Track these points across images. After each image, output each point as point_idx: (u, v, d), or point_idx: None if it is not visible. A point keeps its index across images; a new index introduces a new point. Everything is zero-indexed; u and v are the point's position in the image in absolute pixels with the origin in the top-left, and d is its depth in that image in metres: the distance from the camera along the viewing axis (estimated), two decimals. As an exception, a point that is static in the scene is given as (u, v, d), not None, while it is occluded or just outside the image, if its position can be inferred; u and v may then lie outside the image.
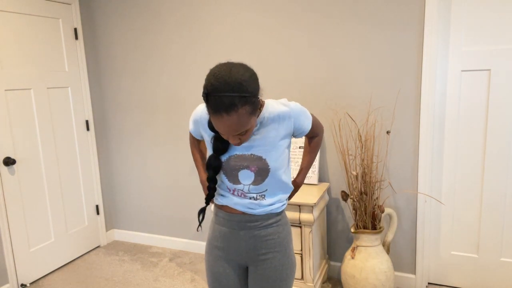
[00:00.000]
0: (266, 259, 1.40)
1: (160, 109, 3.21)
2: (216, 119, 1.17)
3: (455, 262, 2.58)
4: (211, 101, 1.15)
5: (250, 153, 1.33)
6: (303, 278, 2.42)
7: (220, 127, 1.18)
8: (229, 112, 1.13)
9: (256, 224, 1.39)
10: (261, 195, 1.37)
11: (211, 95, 1.14)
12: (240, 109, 1.14)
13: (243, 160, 1.33)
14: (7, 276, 2.73)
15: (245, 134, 1.23)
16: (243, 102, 1.14)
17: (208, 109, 1.17)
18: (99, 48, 3.35)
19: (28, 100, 2.83)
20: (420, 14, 2.32)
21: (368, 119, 2.55)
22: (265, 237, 1.40)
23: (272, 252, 1.41)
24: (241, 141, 1.25)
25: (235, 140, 1.24)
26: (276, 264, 1.41)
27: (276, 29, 2.70)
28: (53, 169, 3.04)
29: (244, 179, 1.35)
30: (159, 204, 3.40)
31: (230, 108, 1.13)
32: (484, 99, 2.35)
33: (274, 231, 1.41)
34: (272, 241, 1.41)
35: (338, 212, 2.75)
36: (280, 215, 1.44)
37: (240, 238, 1.41)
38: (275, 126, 1.32)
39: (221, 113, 1.14)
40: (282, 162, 1.37)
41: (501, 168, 2.37)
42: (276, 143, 1.33)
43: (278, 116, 1.32)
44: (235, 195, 1.39)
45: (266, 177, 1.34)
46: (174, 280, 2.88)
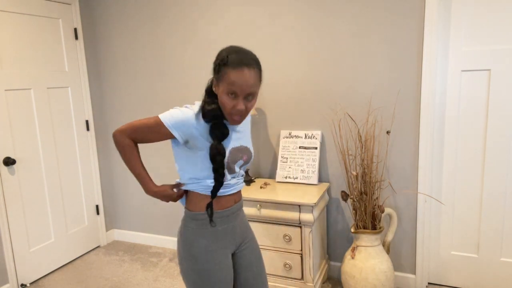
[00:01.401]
0: (247, 236, 1.59)
1: (160, 109, 3.21)
2: (235, 73, 1.28)
3: (455, 262, 2.58)
4: (232, 58, 1.29)
5: (240, 144, 1.48)
6: (303, 278, 2.42)
7: (238, 80, 1.28)
8: (249, 66, 1.29)
9: (241, 209, 1.58)
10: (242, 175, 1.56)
11: (232, 54, 1.30)
12: (256, 68, 1.33)
13: (239, 151, 1.47)
14: (7, 276, 2.73)
15: (251, 101, 1.35)
16: (257, 66, 1.34)
17: (225, 69, 1.29)
18: (99, 48, 3.35)
19: (28, 100, 2.83)
20: (420, 14, 2.32)
21: (368, 119, 2.55)
22: (244, 217, 1.60)
23: (249, 231, 1.63)
24: (246, 110, 1.35)
25: (241, 106, 1.32)
26: (254, 238, 1.64)
27: (275, 29, 2.70)
28: (53, 169, 3.04)
29: (237, 168, 1.49)
30: (159, 204, 3.40)
31: (251, 62, 1.31)
32: (484, 99, 2.35)
33: (242, 211, 1.62)
34: (246, 222, 1.63)
35: (338, 212, 2.75)
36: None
37: (236, 227, 1.53)
38: (247, 123, 1.57)
39: (242, 66, 1.28)
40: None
41: (501, 168, 2.37)
42: (250, 134, 1.58)
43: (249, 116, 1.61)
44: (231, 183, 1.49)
45: (248, 163, 1.54)
46: (174, 280, 2.88)
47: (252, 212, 2.46)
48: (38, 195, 2.94)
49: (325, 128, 2.69)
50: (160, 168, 3.31)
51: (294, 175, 2.67)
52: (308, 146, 2.68)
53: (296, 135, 2.72)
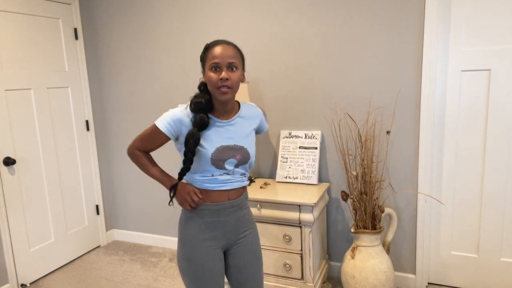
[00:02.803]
0: (244, 236, 1.62)
1: (160, 109, 3.21)
2: (215, 48, 1.44)
3: (455, 262, 2.58)
4: (211, 43, 1.47)
5: (234, 144, 1.53)
6: (303, 278, 2.42)
7: (218, 51, 1.43)
8: (227, 43, 1.46)
9: (239, 206, 1.60)
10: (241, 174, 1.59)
11: (212, 42, 1.48)
12: (236, 48, 1.47)
13: (229, 150, 1.51)
14: (7, 276, 2.73)
15: (234, 72, 1.45)
16: (237, 48, 1.48)
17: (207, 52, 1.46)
18: (99, 48, 3.36)
19: (28, 100, 2.83)
20: (420, 14, 2.32)
21: (368, 119, 2.55)
22: (243, 217, 1.62)
23: (248, 229, 1.64)
24: (231, 81, 1.43)
25: (225, 75, 1.42)
26: (252, 238, 1.64)
27: (275, 29, 2.70)
28: (53, 169, 3.04)
29: (229, 166, 1.53)
30: (159, 204, 3.40)
31: (228, 42, 1.47)
32: (484, 99, 2.35)
33: (246, 211, 1.65)
34: (246, 220, 1.64)
35: (338, 212, 2.75)
36: (247, 197, 1.68)
37: (227, 222, 1.57)
38: (250, 122, 1.61)
39: (220, 44, 1.45)
40: (254, 151, 1.62)
41: (501, 168, 2.37)
42: (251, 134, 1.60)
43: (253, 114, 1.63)
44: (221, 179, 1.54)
45: (246, 163, 1.57)
46: (174, 280, 2.88)
47: (252, 212, 2.46)
48: (38, 195, 2.94)
49: (325, 128, 2.69)
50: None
51: (294, 175, 2.67)
52: (308, 146, 2.68)
53: (296, 135, 2.72)
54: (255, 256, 1.64)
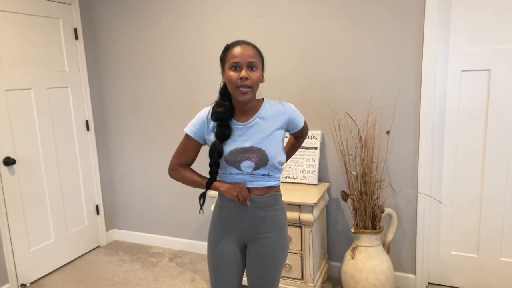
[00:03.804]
0: (264, 237, 1.58)
1: (160, 109, 3.21)
2: (235, 48, 1.45)
3: (455, 262, 2.58)
4: (231, 44, 1.48)
5: (250, 145, 1.51)
6: (303, 278, 2.42)
7: (238, 52, 1.44)
8: (248, 44, 1.47)
9: (261, 205, 1.57)
10: (263, 175, 1.56)
11: (232, 42, 1.49)
12: (255, 48, 1.48)
13: (244, 152, 1.51)
14: (7, 276, 2.73)
15: (254, 71, 1.45)
16: (257, 48, 1.49)
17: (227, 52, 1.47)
18: (99, 48, 3.36)
19: (28, 100, 2.83)
20: (420, 14, 2.33)
21: (368, 119, 2.55)
22: (265, 218, 1.58)
23: (269, 232, 1.58)
24: (251, 81, 1.44)
25: (245, 74, 1.42)
26: (272, 242, 1.58)
27: (275, 29, 2.70)
28: (53, 169, 3.04)
29: (246, 168, 1.53)
30: (159, 204, 3.40)
31: (248, 43, 1.48)
32: (484, 99, 2.35)
33: (272, 213, 1.59)
34: (270, 222, 1.58)
35: (338, 212, 2.75)
36: (277, 199, 1.62)
37: (243, 218, 1.58)
38: (272, 121, 1.54)
39: (240, 44, 1.46)
40: (279, 152, 1.55)
41: (501, 168, 2.37)
42: (273, 134, 1.53)
43: (277, 113, 1.56)
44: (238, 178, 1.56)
45: (265, 166, 1.53)
46: (174, 280, 2.88)
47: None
48: (38, 195, 2.94)
49: (325, 128, 2.69)
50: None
51: (294, 175, 2.67)
52: (308, 146, 2.68)
53: (296, 135, 2.72)
54: (270, 260, 1.59)
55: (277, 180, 1.61)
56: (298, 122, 1.63)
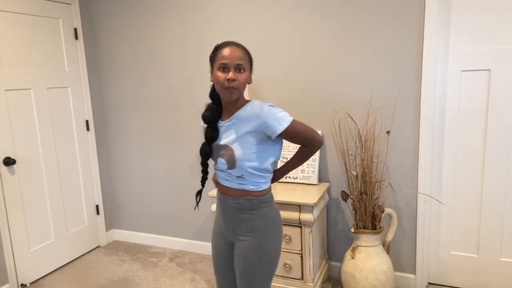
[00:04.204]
0: (240, 240, 1.59)
1: (160, 109, 3.21)
2: (223, 50, 1.48)
3: (455, 262, 2.58)
4: (221, 44, 1.51)
5: (223, 143, 1.55)
6: (303, 278, 2.42)
7: (226, 53, 1.47)
8: (236, 45, 1.50)
9: (237, 207, 1.58)
10: (237, 177, 1.56)
11: (222, 43, 1.51)
12: (245, 51, 1.51)
13: (219, 149, 1.57)
14: (7, 276, 2.73)
15: (241, 73, 1.49)
16: (246, 51, 1.52)
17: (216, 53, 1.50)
18: (99, 48, 3.36)
19: (28, 100, 2.83)
20: (420, 14, 2.33)
21: (368, 119, 2.55)
22: (240, 221, 1.58)
23: (246, 236, 1.58)
24: (238, 82, 1.47)
25: (232, 75, 1.46)
26: (246, 247, 1.57)
27: (275, 29, 2.70)
28: (53, 169, 3.04)
29: (221, 165, 1.58)
30: (159, 204, 3.40)
31: (237, 44, 1.51)
32: (484, 99, 2.35)
33: (248, 217, 1.57)
34: (246, 226, 1.57)
35: (338, 212, 2.75)
36: (255, 204, 1.57)
37: (225, 217, 1.64)
38: (245, 123, 1.51)
39: (230, 45, 1.49)
40: (251, 156, 1.51)
41: (501, 168, 2.37)
42: (244, 137, 1.51)
43: (251, 115, 1.50)
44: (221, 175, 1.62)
45: (235, 167, 1.53)
46: (174, 280, 2.88)
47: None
48: (38, 195, 2.94)
49: (325, 128, 2.69)
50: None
51: (294, 175, 2.67)
52: (308, 146, 2.67)
53: (296, 135, 2.72)
54: (244, 266, 1.57)
55: (257, 185, 1.56)
56: (275, 128, 1.46)
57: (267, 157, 1.55)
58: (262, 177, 1.56)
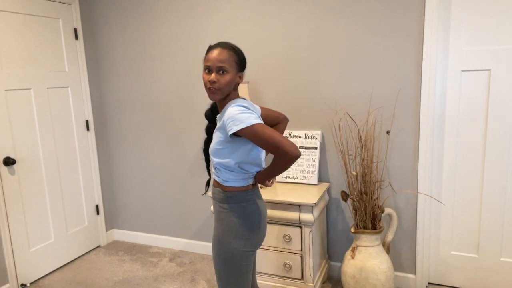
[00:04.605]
0: (214, 227, 1.70)
1: (160, 109, 3.21)
2: (211, 52, 1.55)
3: (455, 262, 2.58)
4: (212, 46, 1.59)
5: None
6: (303, 278, 2.42)
7: (211, 56, 1.54)
8: (223, 47, 1.55)
9: (213, 196, 1.71)
10: (214, 168, 1.66)
11: (214, 44, 1.59)
12: (232, 52, 1.56)
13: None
14: (7, 276, 2.73)
15: (223, 75, 1.54)
16: (235, 53, 1.57)
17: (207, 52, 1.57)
18: (99, 48, 3.36)
19: (28, 100, 2.83)
20: (420, 14, 2.32)
21: (368, 119, 2.55)
22: (215, 209, 1.70)
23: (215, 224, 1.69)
24: (219, 83, 1.54)
25: (213, 78, 1.52)
26: (213, 234, 1.70)
27: (275, 28, 2.70)
28: (53, 169, 3.04)
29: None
30: (159, 204, 3.40)
31: (225, 45, 1.56)
32: (484, 99, 2.35)
33: (217, 208, 1.68)
34: (216, 215, 1.69)
35: (338, 212, 2.75)
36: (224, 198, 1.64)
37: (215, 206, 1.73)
38: (220, 120, 1.61)
39: (217, 47, 1.56)
40: (216, 151, 1.59)
41: (501, 168, 2.37)
42: (216, 133, 1.62)
43: (222, 113, 1.59)
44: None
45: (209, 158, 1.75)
46: (174, 280, 2.88)
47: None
48: (38, 195, 2.94)
49: (325, 128, 2.69)
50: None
51: (294, 175, 2.67)
52: (308, 146, 2.68)
53: (296, 135, 2.72)
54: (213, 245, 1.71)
55: (221, 179, 1.63)
56: (229, 127, 1.49)
57: (234, 156, 1.57)
58: (232, 174, 1.61)
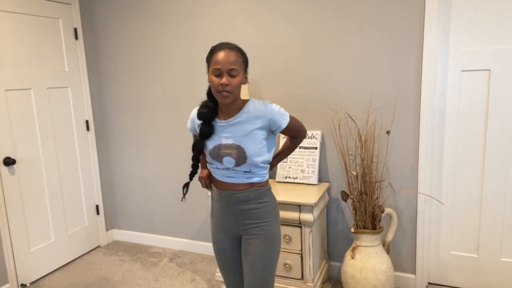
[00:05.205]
0: (251, 229, 1.66)
1: (160, 109, 3.21)
2: (218, 54, 1.51)
3: (455, 262, 2.58)
4: (217, 46, 1.54)
5: (231, 142, 1.59)
6: (303, 278, 2.42)
7: (220, 58, 1.50)
8: (230, 49, 1.52)
9: (244, 199, 1.64)
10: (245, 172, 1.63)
11: (217, 45, 1.54)
12: (238, 52, 1.53)
13: (225, 148, 1.60)
14: (7, 276, 2.73)
15: (235, 77, 1.51)
16: (240, 53, 1.55)
17: (211, 56, 1.53)
18: (99, 48, 3.36)
19: (28, 100, 2.83)
20: (420, 14, 2.33)
21: (368, 119, 2.55)
22: (249, 211, 1.65)
23: (256, 225, 1.65)
24: (231, 86, 1.51)
25: (226, 81, 1.49)
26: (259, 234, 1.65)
27: (276, 29, 2.70)
28: (53, 169, 3.04)
29: (227, 163, 1.61)
30: (159, 204, 3.40)
31: (232, 46, 1.53)
32: (484, 99, 2.35)
33: (255, 206, 1.65)
34: (256, 214, 1.65)
35: (338, 212, 2.75)
36: (262, 193, 1.66)
37: (229, 212, 1.68)
38: (253, 121, 1.59)
39: (224, 48, 1.52)
40: (261, 151, 1.61)
41: (501, 168, 2.37)
42: (253, 134, 1.59)
43: (257, 113, 1.60)
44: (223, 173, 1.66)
45: (245, 163, 1.59)
46: (174, 280, 2.88)
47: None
48: (38, 195, 2.94)
49: (325, 128, 2.69)
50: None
51: (294, 175, 2.67)
52: (308, 146, 2.68)
53: (296, 135, 2.72)
54: (260, 251, 1.65)
55: (262, 176, 1.66)
56: (280, 123, 1.61)
57: (271, 150, 1.66)
58: (266, 168, 1.67)
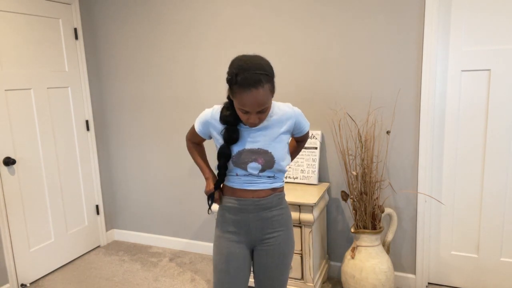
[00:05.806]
0: (272, 237, 1.61)
1: (160, 109, 3.21)
2: (244, 95, 1.35)
3: (455, 262, 2.58)
4: (240, 79, 1.35)
5: (258, 147, 1.53)
6: (303, 278, 2.41)
7: (247, 102, 1.36)
8: (256, 87, 1.35)
9: (266, 206, 1.59)
10: (269, 177, 1.58)
11: (240, 73, 1.35)
12: (265, 85, 1.37)
13: (250, 154, 1.53)
14: (7, 276, 2.73)
15: (264, 113, 1.43)
16: (266, 80, 1.38)
17: (235, 88, 1.36)
18: (99, 48, 3.36)
19: (28, 100, 2.83)
20: (420, 14, 2.33)
21: (368, 119, 2.55)
22: (271, 218, 1.60)
23: (277, 231, 1.61)
24: (260, 120, 1.44)
25: (255, 120, 1.42)
26: (280, 241, 1.61)
27: (276, 29, 2.70)
28: (53, 169, 3.04)
29: (252, 169, 1.54)
30: (159, 204, 3.40)
31: (257, 83, 1.35)
32: (484, 99, 2.35)
33: (278, 213, 1.62)
34: (277, 221, 1.61)
35: (338, 212, 2.75)
36: (281, 199, 1.65)
37: (249, 221, 1.60)
38: (279, 125, 1.55)
39: (250, 88, 1.34)
40: (286, 155, 1.59)
41: (501, 168, 2.37)
42: (280, 138, 1.55)
43: (284, 117, 1.56)
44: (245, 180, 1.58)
45: (271, 168, 1.55)
46: (174, 280, 2.88)
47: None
48: (38, 195, 2.94)
49: (325, 128, 2.69)
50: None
51: (294, 175, 2.67)
52: (308, 146, 2.68)
53: (296, 135, 2.72)
54: (280, 259, 1.62)
55: (282, 181, 1.65)
56: (304, 126, 1.65)
57: (288, 153, 1.65)
58: (284, 173, 1.65)
